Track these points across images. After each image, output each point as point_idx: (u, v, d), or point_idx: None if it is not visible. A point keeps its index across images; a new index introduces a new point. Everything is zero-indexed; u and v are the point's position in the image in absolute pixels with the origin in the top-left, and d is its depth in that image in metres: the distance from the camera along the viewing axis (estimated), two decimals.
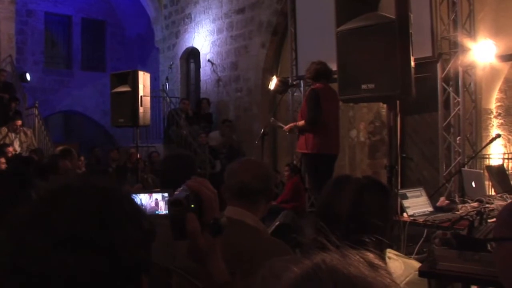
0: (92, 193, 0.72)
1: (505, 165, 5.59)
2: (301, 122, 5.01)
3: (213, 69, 10.24)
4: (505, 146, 6.30)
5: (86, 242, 0.66)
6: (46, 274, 0.64)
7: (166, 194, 2.29)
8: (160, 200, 2.32)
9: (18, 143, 7.75)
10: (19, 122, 7.91)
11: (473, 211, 3.21)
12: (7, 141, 7.63)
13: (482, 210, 3.15)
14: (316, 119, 4.85)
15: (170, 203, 0.95)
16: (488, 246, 1.98)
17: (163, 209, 2.29)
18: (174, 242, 0.98)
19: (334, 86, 4.73)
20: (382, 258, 1.44)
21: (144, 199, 2.32)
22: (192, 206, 0.95)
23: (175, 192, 0.97)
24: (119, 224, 0.70)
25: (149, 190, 3.33)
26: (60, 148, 5.19)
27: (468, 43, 6.16)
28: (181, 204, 0.94)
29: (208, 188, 0.99)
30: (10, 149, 7.39)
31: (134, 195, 2.43)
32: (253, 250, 1.69)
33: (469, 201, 3.84)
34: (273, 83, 8.53)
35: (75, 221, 0.67)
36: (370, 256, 0.58)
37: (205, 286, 1.01)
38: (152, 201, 2.33)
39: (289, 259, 0.62)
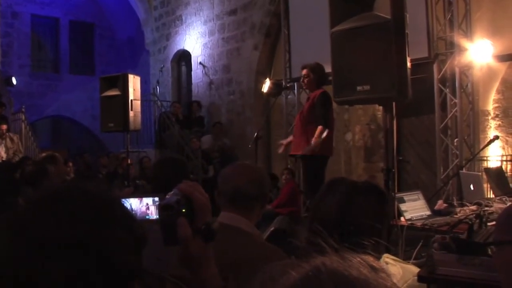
0: (81, 197, 0.71)
1: (503, 167, 5.55)
2: (323, 134, 4.76)
3: (205, 72, 10.11)
4: (503, 148, 6.24)
5: (75, 247, 0.65)
6: (34, 279, 0.63)
7: (156, 199, 2.27)
8: (151, 205, 2.28)
9: (4, 149, 7.56)
10: (4, 127, 7.72)
11: (472, 214, 3.21)
12: None
13: (481, 213, 3.12)
14: (328, 120, 4.86)
15: (160, 208, 0.93)
16: (489, 250, 1.95)
17: (154, 214, 2.25)
18: (166, 248, 0.95)
19: (328, 88, 4.64)
20: (379, 261, 1.44)
21: (134, 204, 2.27)
22: (184, 210, 0.92)
23: (166, 196, 0.95)
24: (109, 228, 0.69)
25: (139, 194, 3.23)
26: (44, 154, 5.04)
27: (465, 43, 6.09)
28: (172, 208, 0.91)
29: (200, 192, 0.96)
30: None
31: (124, 199, 2.31)
32: (248, 257, 1.66)
33: (467, 204, 3.81)
34: (266, 86, 8.44)
35: (64, 225, 0.66)
36: (370, 258, 0.57)
37: None
38: (142, 205, 2.29)
39: (287, 263, 0.58)
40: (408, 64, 3.89)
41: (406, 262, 2.49)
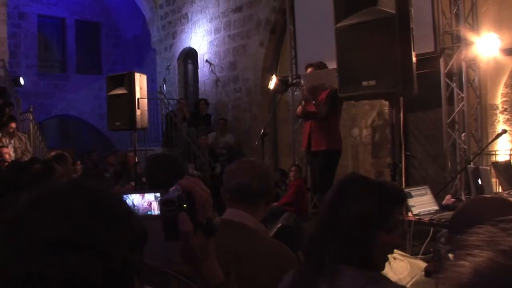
0: (80, 194, 0.71)
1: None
2: (312, 109, 5.00)
3: (211, 70, 10.12)
4: None
5: (74, 244, 0.65)
6: (32, 277, 0.62)
7: (158, 194, 2.26)
8: (153, 201, 2.28)
9: (12, 149, 7.61)
10: (14, 125, 7.76)
11: None
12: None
13: None
14: (328, 116, 4.96)
15: (161, 203, 0.93)
16: None
17: (156, 210, 2.25)
18: (170, 244, 0.96)
19: None
20: None
21: (136, 200, 2.29)
22: (185, 205, 0.92)
23: (168, 192, 0.95)
24: (108, 225, 0.68)
25: (141, 190, 3.25)
26: (53, 153, 5.08)
27: (471, 37, 6.03)
28: (173, 204, 0.91)
29: (201, 187, 0.96)
30: (6, 150, 7.26)
31: (125, 196, 2.31)
32: (253, 253, 1.67)
33: None
34: (272, 83, 8.41)
35: (62, 223, 0.66)
36: None
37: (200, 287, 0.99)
38: (144, 201, 2.30)
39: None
40: (414, 59, 3.87)
41: (414, 257, 2.49)
